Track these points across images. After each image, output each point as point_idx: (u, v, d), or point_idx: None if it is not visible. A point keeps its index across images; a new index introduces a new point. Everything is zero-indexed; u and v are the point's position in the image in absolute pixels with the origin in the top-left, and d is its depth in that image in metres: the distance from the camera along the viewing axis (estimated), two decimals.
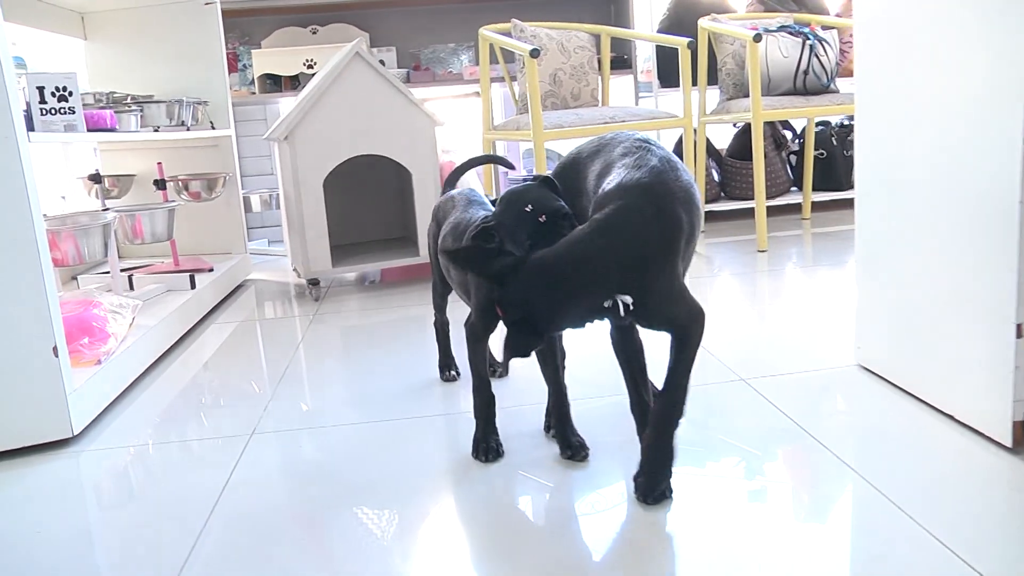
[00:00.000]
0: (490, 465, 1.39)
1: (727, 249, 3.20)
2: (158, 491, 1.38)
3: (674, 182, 1.22)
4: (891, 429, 1.43)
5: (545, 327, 1.20)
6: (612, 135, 1.34)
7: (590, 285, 1.17)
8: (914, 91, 1.46)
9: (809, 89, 3.28)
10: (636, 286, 1.17)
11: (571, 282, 1.17)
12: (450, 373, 1.85)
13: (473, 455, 1.42)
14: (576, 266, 1.17)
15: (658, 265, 1.18)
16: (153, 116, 2.70)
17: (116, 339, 1.92)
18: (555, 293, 1.17)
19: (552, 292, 1.17)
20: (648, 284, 1.18)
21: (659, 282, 1.19)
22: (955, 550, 1.05)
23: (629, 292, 1.17)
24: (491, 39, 3.13)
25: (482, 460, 1.41)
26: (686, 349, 1.24)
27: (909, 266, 1.52)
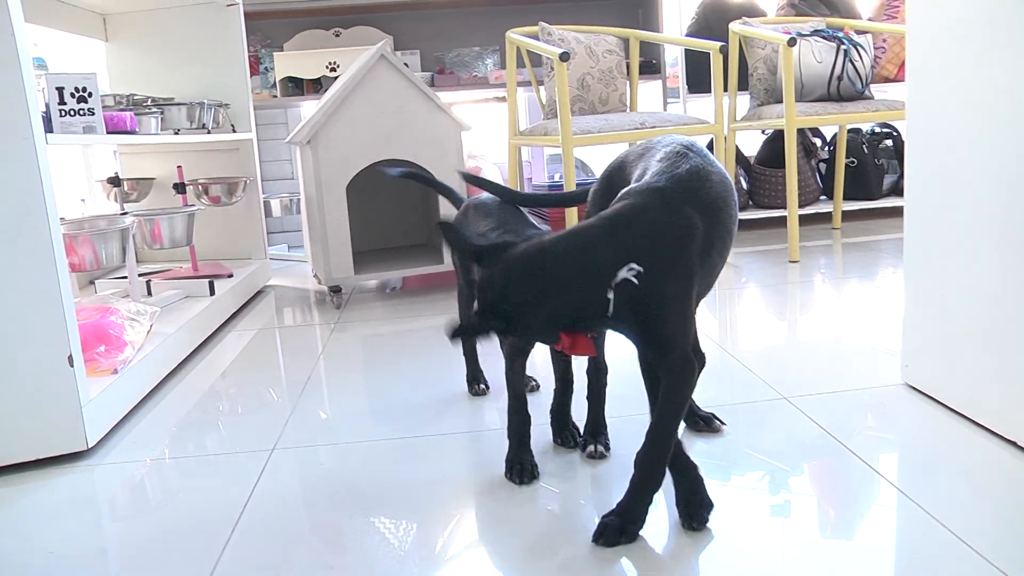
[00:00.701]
0: (515, 486, 1.32)
1: (757, 259, 3.12)
2: (176, 507, 1.32)
3: (698, 188, 1.13)
4: (945, 452, 1.35)
5: (521, 314, 1.09)
6: (659, 139, 1.27)
7: (580, 275, 1.08)
8: (970, 99, 1.38)
9: (843, 95, 3.20)
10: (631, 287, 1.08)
11: (559, 270, 1.08)
12: (479, 387, 1.78)
13: (507, 476, 1.35)
14: (569, 252, 1.09)
15: (658, 267, 1.08)
16: (173, 119, 2.65)
17: (133, 347, 1.86)
18: (539, 279, 1.08)
19: (536, 277, 1.08)
20: (644, 286, 1.07)
21: (658, 287, 1.08)
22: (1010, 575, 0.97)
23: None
24: (519, 42, 3.07)
25: (516, 482, 1.33)
26: (673, 397, 1.14)
27: (962, 281, 1.44)
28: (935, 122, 1.49)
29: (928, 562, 1.05)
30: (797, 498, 1.24)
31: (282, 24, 4.02)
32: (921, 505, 1.18)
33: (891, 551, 1.08)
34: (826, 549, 1.09)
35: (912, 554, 1.07)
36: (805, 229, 3.68)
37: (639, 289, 1.07)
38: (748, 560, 1.08)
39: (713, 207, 1.14)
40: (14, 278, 1.44)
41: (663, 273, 1.09)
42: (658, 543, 1.13)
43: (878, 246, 3.22)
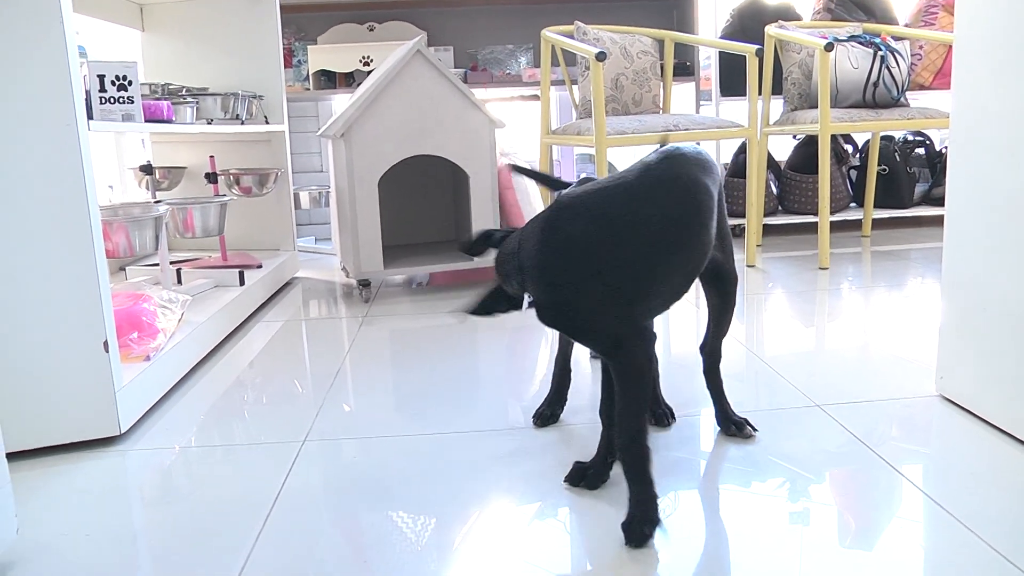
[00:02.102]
0: (542, 486, 1.32)
1: (785, 265, 3.10)
2: (206, 496, 1.33)
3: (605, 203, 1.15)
4: (982, 465, 1.33)
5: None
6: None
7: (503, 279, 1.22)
8: (1016, 110, 1.36)
9: (879, 102, 3.17)
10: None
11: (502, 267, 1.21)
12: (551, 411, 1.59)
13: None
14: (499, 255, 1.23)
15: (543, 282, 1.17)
16: (208, 109, 2.66)
17: (165, 335, 1.87)
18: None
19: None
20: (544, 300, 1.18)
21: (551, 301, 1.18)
22: None
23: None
24: (554, 41, 3.06)
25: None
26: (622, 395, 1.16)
27: (1004, 293, 1.42)
28: (979, 132, 1.47)
29: (962, 573, 1.03)
30: (828, 508, 1.22)
31: (317, 17, 4.04)
32: (957, 517, 1.16)
33: (926, 563, 1.07)
34: (858, 560, 1.08)
35: (950, 568, 1.06)
36: (834, 236, 3.65)
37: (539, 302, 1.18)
38: (774, 570, 1.07)
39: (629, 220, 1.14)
40: (53, 263, 1.46)
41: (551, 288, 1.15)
42: (678, 551, 1.13)
43: (908, 255, 3.19)
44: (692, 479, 1.33)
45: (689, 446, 1.46)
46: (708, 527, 1.18)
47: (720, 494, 1.28)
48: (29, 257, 1.44)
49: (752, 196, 3.04)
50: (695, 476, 1.34)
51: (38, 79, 1.40)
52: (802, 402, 1.64)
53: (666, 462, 1.39)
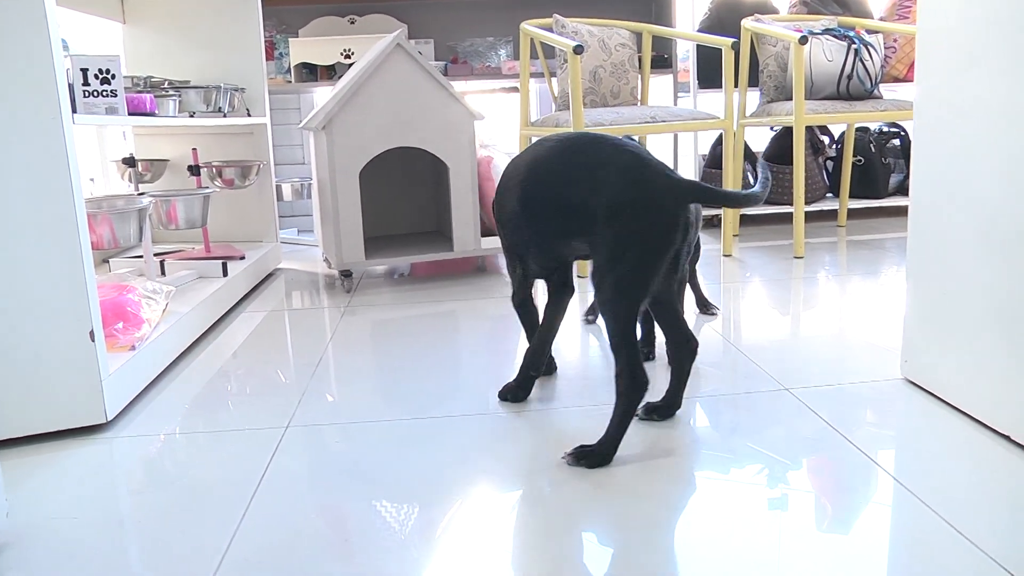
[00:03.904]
0: (524, 468, 1.36)
1: (762, 254, 3.15)
2: (193, 481, 1.37)
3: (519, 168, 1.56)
4: (942, 446, 1.39)
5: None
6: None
7: None
8: (975, 101, 1.41)
9: (852, 94, 3.23)
10: None
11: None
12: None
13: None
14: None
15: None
16: (190, 102, 2.69)
17: (150, 325, 1.90)
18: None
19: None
20: None
21: None
22: (1011, 570, 1.01)
23: None
24: (533, 34, 3.10)
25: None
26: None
27: (963, 280, 1.47)
28: (941, 122, 1.53)
29: (925, 552, 1.08)
30: (790, 488, 1.27)
31: (298, 10, 4.05)
32: (918, 495, 1.22)
33: (888, 541, 1.12)
34: (823, 540, 1.13)
35: (909, 544, 1.11)
36: (811, 226, 3.71)
37: None
38: (747, 551, 1.12)
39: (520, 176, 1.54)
40: (39, 254, 1.48)
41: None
42: (658, 535, 1.17)
43: (883, 244, 3.26)
44: (653, 468, 1.38)
45: (662, 428, 1.51)
46: (675, 512, 1.22)
47: (678, 469, 1.33)
48: (15, 249, 1.47)
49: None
50: (656, 465, 1.39)
51: (23, 73, 1.43)
52: (771, 386, 1.69)
53: (645, 445, 1.44)
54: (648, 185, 1.33)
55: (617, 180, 1.35)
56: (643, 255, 1.34)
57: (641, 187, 1.33)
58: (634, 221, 1.33)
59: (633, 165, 1.36)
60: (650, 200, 1.33)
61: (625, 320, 1.35)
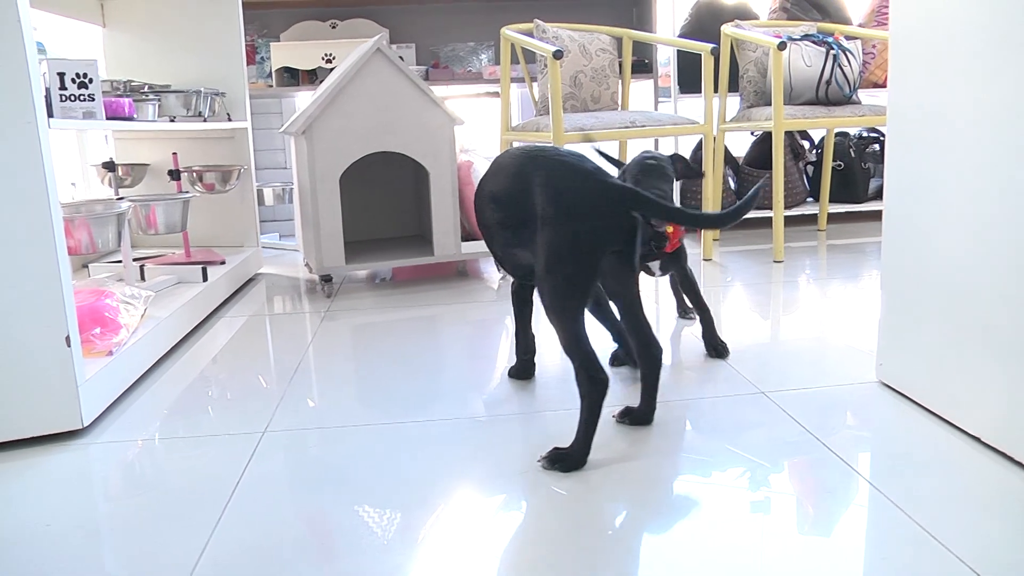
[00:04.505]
0: (504, 473, 1.37)
1: (742, 258, 3.17)
2: (169, 486, 1.36)
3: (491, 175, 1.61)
4: (914, 448, 1.40)
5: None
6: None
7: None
8: (951, 106, 1.43)
9: (831, 99, 3.25)
10: None
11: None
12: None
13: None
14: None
15: None
16: (170, 106, 2.68)
17: (128, 330, 1.90)
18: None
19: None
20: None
21: None
22: (981, 572, 1.02)
23: None
24: (513, 39, 3.11)
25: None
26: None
27: (937, 284, 1.49)
28: (913, 127, 1.54)
29: (897, 555, 1.10)
30: (769, 491, 1.28)
31: (279, 14, 4.05)
32: (890, 498, 1.23)
33: (861, 545, 1.13)
34: (797, 544, 1.14)
35: (882, 547, 1.12)
36: (791, 230, 3.74)
37: None
38: (722, 555, 1.12)
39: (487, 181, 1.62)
40: (15, 259, 1.48)
41: None
42: (632, 539, 1.18)
43: (862, 248, 3.28)
44: (626, 472, 1.39)
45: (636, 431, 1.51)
46: (657, 518, 1.23)
47: (653, 472, 1.33)
48: None
49: (708, 191, 3.11)
50: (628, 469, 1.40)
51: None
52: (748, 389, 1.70)
53: (621, 448, 1.44)
54: (574, 192, 1.36)
55: (546, 190, 1.39)
56: (574, 261, 1.36)
57: (567, 194, 1.36)
58: (562, 228, 1.36)
59: (562, 174, 1.39)
60: (576, 206, 1.36)
61: (570, 323, 1.37)
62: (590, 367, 1.35)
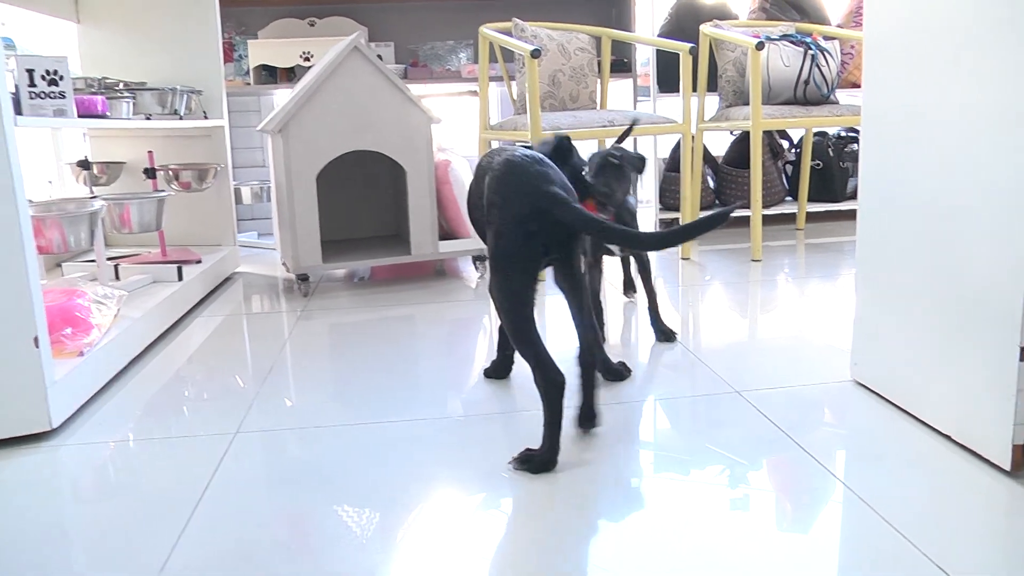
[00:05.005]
0: (481, 473, 1.36)
1: (720, 257, 3.18)
2: (138, 488, 1.35)
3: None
4: (886, 447, 1.41)
5: None
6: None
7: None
8: (924, 107, 1.44)
9: (809, 99, 3.26)
10: None
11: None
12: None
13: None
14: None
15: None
16: (145, 104, 2.66)
17: (100, 330, 1.88)
18: None
19: None
20: None
21: None
22: (946, 569, 1.02)
23: None
24: (491, 38, 3.10)
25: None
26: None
27: (910, 284, 1.49)
28: (887, 128, 1.55)
29: (868, 553, 1.10)
30: (741, 491, 1.28)
31: (257, 12, 4.02)
32: (862, 497, 1.23)
33: (833, 544, 1.13)
34: (768, 544, 1.14)
35: (853, 546, 1.12)
36: (770, 229, 3.75)
37: None
38: (690, 554, 1.12)
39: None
40: None
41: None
42: (611, 538, 1.18)
43: (840, 247, 3.29)
44: (599, 469, 1.38)
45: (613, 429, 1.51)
46: (629, 513, 1.23)
47: (625, 472, 1.33)
48: None
49: (686, 190, 3.11)
50: (602, 465, 1.40)
51: None
52: (724, 389, 1.71)
53: (592, 449, 1.44)
54: (506, 196, 1.36)
55: (488, 192, 1.41)
56: (508, 264, 1.37)
57: (501, 198, 1.37)
58: (497, 230, 1.37)
59: (502, 177, 1.38)
60: (506, 210, 1.36)
61: (518, 324, 1.37)
62: (543, 365, 1.35)
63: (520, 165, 1.37)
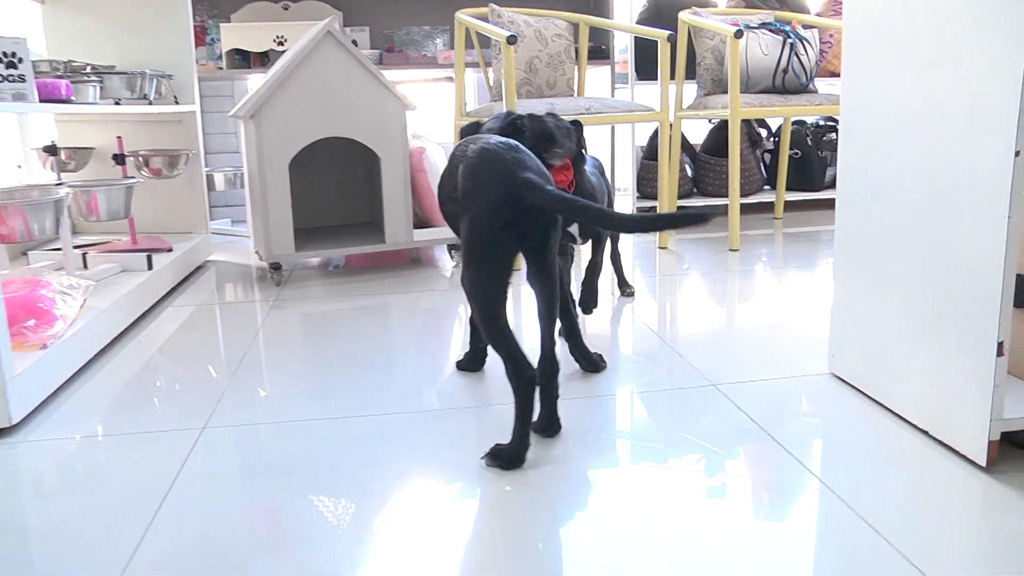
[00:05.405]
0: (456, 466, 1.34)
1: (698, 247, 3.16)
2: (102, 484, 1.31)
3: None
4: (862, 441, 1.39)
5: None
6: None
7: None
8: (903, 98, 1.42)
9: (788, 88, 3.25)
10: None
11: None
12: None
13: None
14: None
15: None
16: (114, 88, 2.60)
17: (65, 322, 1.83)
18: None
19: None
20: None
21: None
22: (919, 566, 1.01)
23: None
24: (467, 23, 3.06)
25: None
26: None
27: (888, 276, 1.48)
28: (865, 118, 1.53)
29: (842, 549, 1.08)
30: (715, 484, 1.27)
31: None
32: (837, 492, 1.22)
33: (807, 539, 1.12)
34: (742, 539, 1.12)
35: (827, 541, 1.11)
36: (748, 218, 3.74)
37: None
38: (667, 548, 1.10)
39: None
40: None
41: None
42: (583, 531, 1.16)
43: (818, 237, 3.29)
44: (572, 462, 1.36)
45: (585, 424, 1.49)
46: (593, 500, 1.21)
47: (594, 466, 1.31)
48: None
49: (664, 179, 3.09)
50: (575, 458, 1.37)
51: None
52: (700, 382, 1.69)
53: (563, 445, 1.42)
54: (478, 184, 1.33)
55: (461, 181, 1.37)
56: (479, 254, 1.34)
57: (472, 186, 1.34)
58: (469, 220, 1.34)
59: (474, 165, 1.35)
60: (479, 192, 1.33)
61: (490, 316, 1.35)
62: (515, 360, 1.33)
63: (495, 152, 1.34)
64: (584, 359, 1.76)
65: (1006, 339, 1.21)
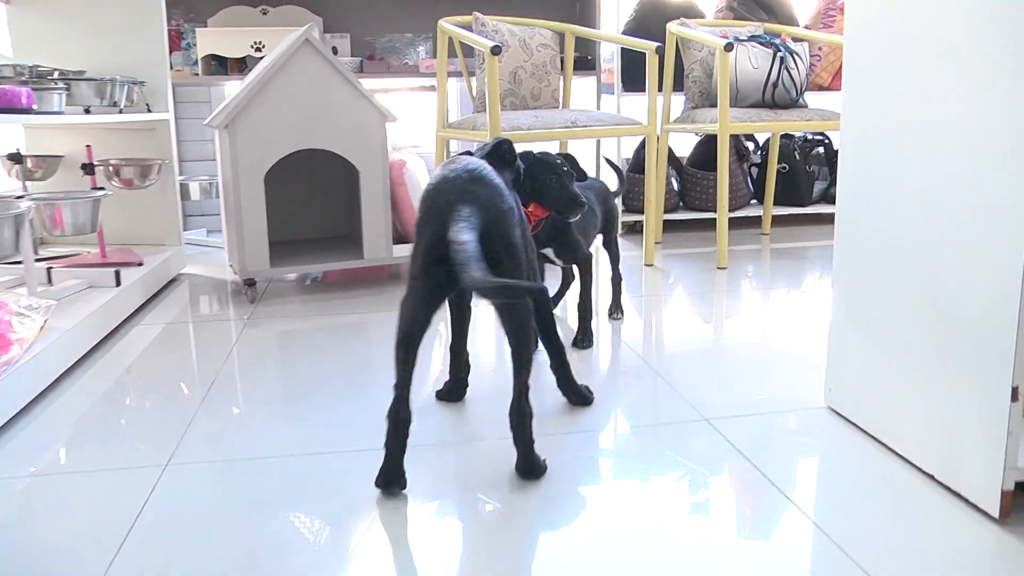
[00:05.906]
0: (436, 501, 1.25)
1: (684, 263, 3.09)
2: (52, 530, 1.21)
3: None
4: (862, 484, 1.32)
5: None
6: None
7: None
8: (907, 116, 1.34)
9: (777, 102, 3.18)
10: None
11: None
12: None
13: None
14: None
15: None
16: (82, 95, 2.49)
17: (21, 346, 1.73)
18: None
19: None
20: None
21: None
22: None
23: None
24: (451, 32, 2.97)
25: None
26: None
27: (893, 310, 1.41)
28: (867, 137, 1.46)
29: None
30: (707, 527, 1.19)
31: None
32: (833, 539, 1.14)
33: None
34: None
35: None
36: (735, 233, 3.67)
37: None
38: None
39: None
40: None
41: None
42: (569, 548, 1.07)
43: (806, 253, 3.22)
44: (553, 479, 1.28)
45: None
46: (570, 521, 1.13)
47: (579, 499, 1.23)
48: None
49: (651, 193, 3.01)
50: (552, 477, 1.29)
51: None
52: (690, 416, 1.61)
53: (541, 484, 1.34)
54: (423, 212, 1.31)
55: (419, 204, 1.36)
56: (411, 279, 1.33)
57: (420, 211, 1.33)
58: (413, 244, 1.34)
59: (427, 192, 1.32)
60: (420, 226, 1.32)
61: (397, 340, 1.35)
62: (395, 400, 1.32)
63: (444, 186, 1.29)
64: (573, 394, 1.67)
65: (1021, 384, 1.13)
